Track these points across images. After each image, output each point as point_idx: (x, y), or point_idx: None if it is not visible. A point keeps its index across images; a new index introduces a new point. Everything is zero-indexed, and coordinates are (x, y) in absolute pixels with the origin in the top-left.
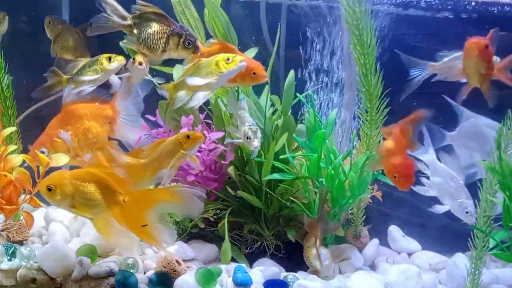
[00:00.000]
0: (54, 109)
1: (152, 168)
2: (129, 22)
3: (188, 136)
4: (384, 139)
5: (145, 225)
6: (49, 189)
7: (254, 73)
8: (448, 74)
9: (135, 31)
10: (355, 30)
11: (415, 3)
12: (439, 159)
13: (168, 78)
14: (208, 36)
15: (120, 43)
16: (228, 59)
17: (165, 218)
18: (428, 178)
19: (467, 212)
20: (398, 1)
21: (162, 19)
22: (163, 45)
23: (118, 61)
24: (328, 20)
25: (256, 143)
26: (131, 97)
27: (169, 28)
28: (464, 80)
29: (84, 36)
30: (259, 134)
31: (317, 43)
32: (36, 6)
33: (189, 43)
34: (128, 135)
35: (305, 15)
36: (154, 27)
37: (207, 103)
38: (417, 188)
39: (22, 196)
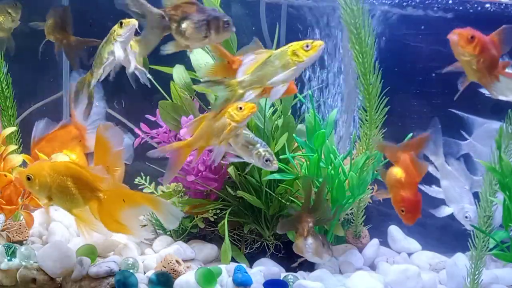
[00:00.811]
0: (54, 110)
1: (200, 146)
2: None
3: (240, 107)
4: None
5: None
6: (28, 178)
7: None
8: None
9: (173, 24)
10: (353, 29)
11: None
12: (447, 163)
13: (169, 78)
14: None
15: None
16: (307, 46)
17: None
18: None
19: (466, 217)
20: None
21: (197, 7)
22: (205, 32)
23: (129, 24)
24: (328, 20)
25: (276, 164)
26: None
27: (206, 15)
28: None
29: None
30: (273, 154)
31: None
32: (35, 4)
33: (227, 24)
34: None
35: (305, 15)
36: (194, 17)
37: (207, 103)
38: (426, 189)
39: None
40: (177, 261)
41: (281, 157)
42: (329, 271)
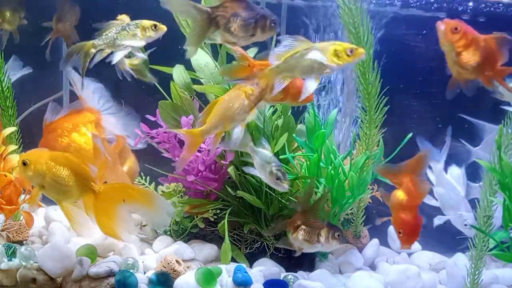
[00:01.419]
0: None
1: (219, 131)
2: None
3: (257, 83)
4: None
5: None
6: (24, 163)
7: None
8: None
9: (221, 21)
10: (351, 28)
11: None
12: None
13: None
14: None
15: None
16: (351, 51)
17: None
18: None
19: (466, 225)
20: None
21: (246, 5)
22: (252, 31)
23: (162, 29)
24: (328, 20)
25: (286, 185)
26: (93, 89)
27: (255, 13)
28: None
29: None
30: (286, 175)
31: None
32: (35, 4)
33: (274, 23)
34: (118, 125)
35: (305, 14)
36: (243, 15)
37: (207, 103)
38: None
39: (22, 196)
40: (177, 261)
41: (281, 157)
42: (329, 271)
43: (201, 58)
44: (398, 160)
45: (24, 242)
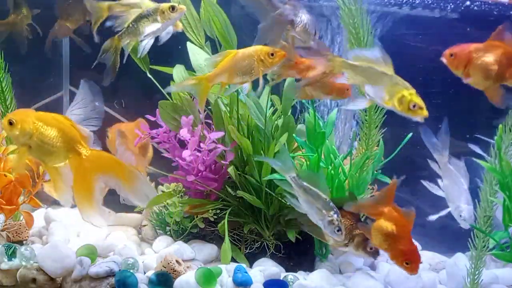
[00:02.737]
0: (54, 109)
1: (221, 80)
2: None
3: (272, 54)
4: None
5: None
6: (10, 123)
7: (347, 89)
8: None
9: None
10: (351, 29)
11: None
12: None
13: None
14: (207, 36)
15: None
16: (414, 105)
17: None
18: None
19: (460, 216)
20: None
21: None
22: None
23: (180, 10)
24: (328, 20)
25: (343, 236)
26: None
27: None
28: None
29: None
30: (343, 225)
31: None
32: (35, 4)
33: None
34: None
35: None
36: (307, 16)
37: (207, 103)
38: (427, 184)
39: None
40: (177, 261)
41: None
42: (329, 271)
43: (201, 58)
44: (398, 159)
45: (24, 242)
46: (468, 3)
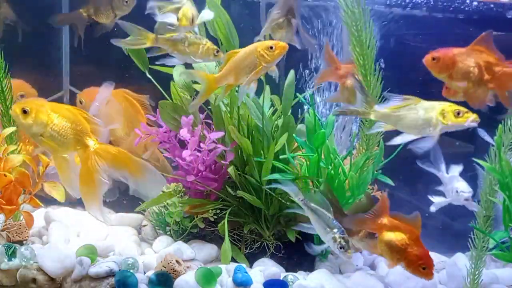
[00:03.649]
0: None
1: (227, 83)
2: None
3: (271, 47)
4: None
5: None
6: (25, 111)
7: None
8: None
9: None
10: (354, 31)
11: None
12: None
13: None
14: (208, 36)
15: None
16: (458, 113)
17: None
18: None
19: (457, 192)
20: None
21: None
22: None
23: (220, 56)
24: (328, 19)
25: (350, 254)
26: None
27: None
28: None
29: None
30: (349, 242)
31: (316, 42)
32: (35, 4)
33: None
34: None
35: (305, 14)
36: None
37: (207, 103)
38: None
39: (22, 196)
40: (177, 261)
41: (281, 157)
42: (329, 271)
43: None
44: (398, 160)
45: (24, 242)
46: (475, 3)
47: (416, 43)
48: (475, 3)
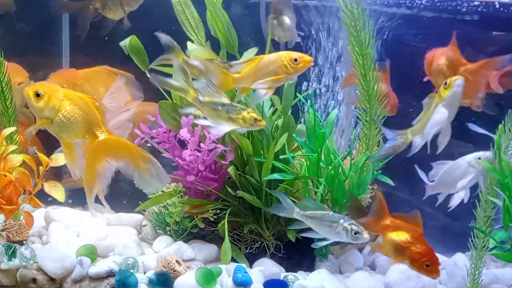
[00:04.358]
0: None
1: (245, 84)
2: None
3: (296, 59)
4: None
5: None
6: (38, 95)
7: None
8: None
9: None
10: (353, 31)
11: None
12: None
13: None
14: (208, 36)
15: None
16: None
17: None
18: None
19: (479, 158)
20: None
21: None
22: None
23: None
24: (328, 19)
25: (367, 235)
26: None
27: None
28: None
29: None
30: (361, 226)
31: (316, 42)
32: (35, 6)
33: None
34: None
35: (304, 14)
36: None
37: None
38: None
39: (22, 196)
40: (177, 261)
41: (281, 157)
42: (329, 271)
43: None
44: (398, 159)
45: (24, 242)
46: (476, 3)
47: (416, 43)
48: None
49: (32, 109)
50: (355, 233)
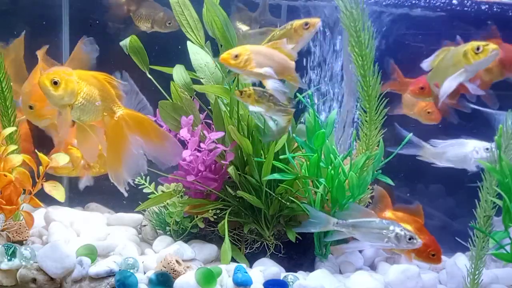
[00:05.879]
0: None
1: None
2: None
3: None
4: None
5: None
6: (55, 83)
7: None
8: None
9: None
10: (352, 32)
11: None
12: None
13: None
14: (207, 36)
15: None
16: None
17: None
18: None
19: (487, 149)
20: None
21: None
22: None
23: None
24: (328, 20)
25: (420, 240)
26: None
27: None
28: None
29: None
30: (411, 231)
31: (316, 42)
32: (35, 6)
33: None
34: None
35: (304, 14)
36: None
37: (207, 103)
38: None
39: (22, 196)
40: (177, 261)
41: (281, 157)
42: (329, 271)
43: (201, 58)
44: (397, 160)
45: (24, 242)
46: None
47: (416, 43)
48: None
49: (51, 99)
50: (410, 238)
